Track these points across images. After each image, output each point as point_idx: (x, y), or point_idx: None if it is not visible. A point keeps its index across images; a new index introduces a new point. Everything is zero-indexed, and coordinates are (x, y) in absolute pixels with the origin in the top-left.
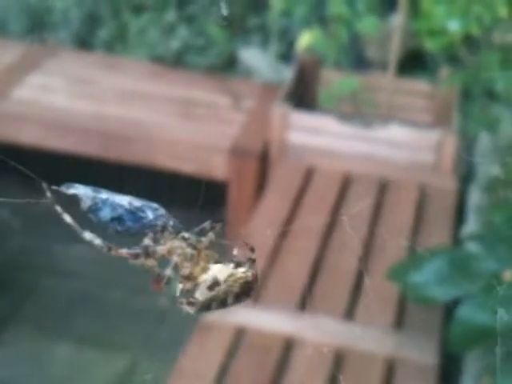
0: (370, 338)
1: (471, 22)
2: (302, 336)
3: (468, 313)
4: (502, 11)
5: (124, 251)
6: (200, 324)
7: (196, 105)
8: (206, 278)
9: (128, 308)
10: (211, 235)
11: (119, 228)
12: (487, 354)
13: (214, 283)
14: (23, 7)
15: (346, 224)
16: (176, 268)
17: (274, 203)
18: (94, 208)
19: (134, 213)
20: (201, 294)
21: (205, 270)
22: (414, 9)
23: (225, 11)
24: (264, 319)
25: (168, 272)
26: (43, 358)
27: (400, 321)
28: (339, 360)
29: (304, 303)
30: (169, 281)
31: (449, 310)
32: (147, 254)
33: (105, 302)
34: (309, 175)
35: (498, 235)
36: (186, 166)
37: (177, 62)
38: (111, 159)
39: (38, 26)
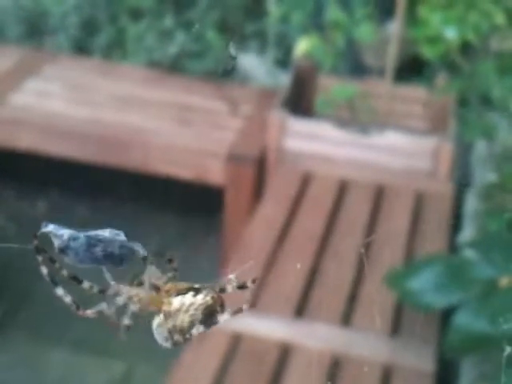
0: (366, 345)
1: (468, 29)
2: (298, 342)
3: (464, 319)
4: (499, 19)
5: (89, 311)
6: None
7: (193, 110)
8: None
9: None
10: (171, 274)
11: (98, 246)
12: (484, 360)
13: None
14: (21, 12)
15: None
16: (134, 316)
17: (270, 209)
18: (74, 238)
19: (112, 237)
20: (196, 329)
21: (169, 304)
22: (411, 16)
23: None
24: (260, 326)
25: (126, 321)
26: (40, 362)
27: (397, 327)
28: (335, 366)
29: (300, 310)
30: (128, 329)
31: (445, 316)
32: (115, 293)
33: None
34: (306, 181)
35: (494, 242)
36: (183, 171)
37: (174, 67)
38: (108, 165)
39: (36, 31)
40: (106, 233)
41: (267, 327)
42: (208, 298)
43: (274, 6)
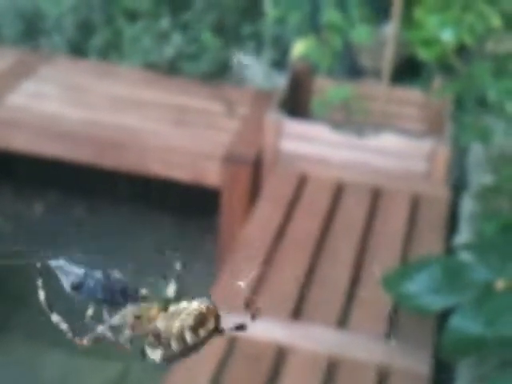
0: (362, 347)
1: (464, 31)
2: (294, 345)
3: (460, 322)
4: (495, 21)
5: (84, 340)
6: None
7: (190, 112)
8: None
9: None
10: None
11: (115, 284)
12: (479, 363)
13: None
14: (17, 13)
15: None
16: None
17: (267, 211)
18: (90, 275)
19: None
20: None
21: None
22: (408, 18)
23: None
24: (256, 328)
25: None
26: (36, 364)
27: (393, 330)
28: (331, 369)
29: (297, 312)
30: (145, 353)
31: (441, 319)
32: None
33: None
34: (302, 183)
35: (490, 244)
36: (180, 173)
37: (171, 69)
38: (105, 166)
39: (32, 32)
40: (115, 273)
41: (263, 329)
42: (203, 306)
43: (271, 8)
